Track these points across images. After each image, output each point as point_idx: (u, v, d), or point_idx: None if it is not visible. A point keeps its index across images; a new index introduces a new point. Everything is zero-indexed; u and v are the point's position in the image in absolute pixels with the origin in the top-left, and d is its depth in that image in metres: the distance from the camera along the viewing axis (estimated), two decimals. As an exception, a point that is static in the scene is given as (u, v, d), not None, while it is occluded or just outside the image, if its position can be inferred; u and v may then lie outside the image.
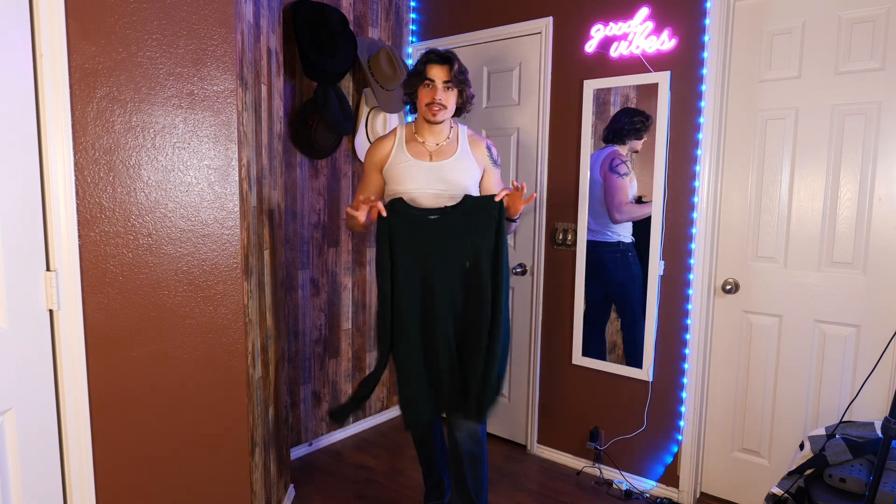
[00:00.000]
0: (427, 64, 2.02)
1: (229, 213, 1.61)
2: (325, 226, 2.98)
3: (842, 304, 2.19)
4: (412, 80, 2.07)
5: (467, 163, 2.10)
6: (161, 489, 1.54)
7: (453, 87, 2.03)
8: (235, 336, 1.66)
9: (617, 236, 2.65)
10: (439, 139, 2.10)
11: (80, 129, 1.33)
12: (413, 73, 2.07)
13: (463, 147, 2.11)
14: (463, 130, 2.16)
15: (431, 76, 2.01)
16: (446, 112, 2.04)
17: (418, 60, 2.08)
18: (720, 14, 2.30)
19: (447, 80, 2.00)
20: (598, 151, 2.66)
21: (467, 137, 2.14)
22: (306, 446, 2.97)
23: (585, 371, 2.78)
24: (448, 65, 2.00)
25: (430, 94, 2.02)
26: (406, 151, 2.09)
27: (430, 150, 2.09)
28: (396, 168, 2.08)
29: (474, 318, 1.96)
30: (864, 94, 2.09)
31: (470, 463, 2.09)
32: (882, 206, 2.09)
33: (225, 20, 1.56)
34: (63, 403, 1.36)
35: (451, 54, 2.03)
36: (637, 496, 2.58)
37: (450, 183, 2.05)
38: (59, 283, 1.32)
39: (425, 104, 2.03)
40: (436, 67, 2.01)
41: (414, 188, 2.05)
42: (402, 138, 2.12)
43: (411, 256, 1.97)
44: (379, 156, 2.13)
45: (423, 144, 2.10)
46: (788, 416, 2.33)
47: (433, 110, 2.02)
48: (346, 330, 3.15)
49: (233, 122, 1.60)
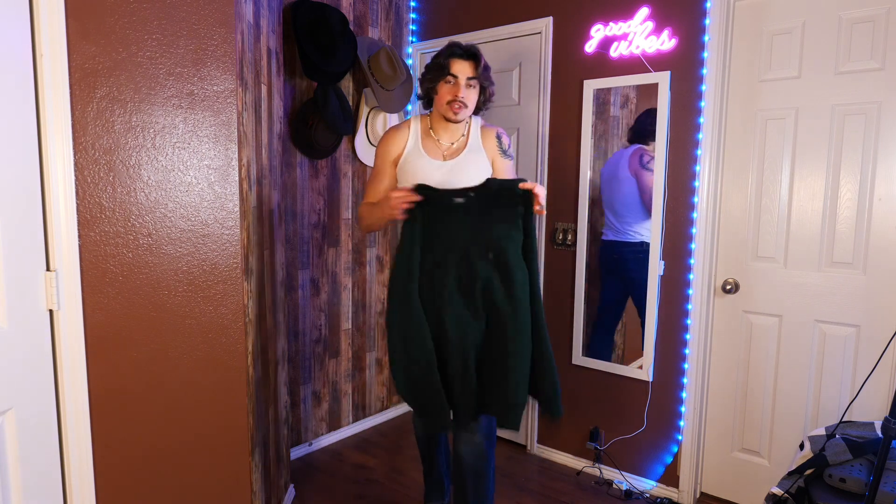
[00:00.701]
0: (451, 58, 1.87)
1: (229, 213, 1.61)
2: (325, 226, 2.98)
3: (842, 304, 2.19)
4: (433, 73, 1.92)
5: (478, 156, 1.99)
6: (161, 489, 1.54)
7: (477, 85, 1.90)
8: (235, 336, 1.66)
9: (640, 236, 2.61)
10: (454, 138, 1.99)
11: (80, 129, 1.33)
12: (434, 66, 1.92)
13: (473, 140, 2.00)
14: (476, 122, 2.04)
15: (455, 72, 1.87)
16: (467, 111, 1.92)
17: (440, 53, 1.92)
18: (720, 14, 2.30)
19: (472, 77, 1.87)
20: (621, 150, 2.62)
21: (479, 129, 2.03)
22: (306, 446, 2.97)
23: (585, 371, 2.78)
24: (474, 61, 1.87)
25: (452, 90, 1.88)
26: (421, 148, 1.97)
27: (444, 150, 1.99)
28: (411, 165, 1.97)
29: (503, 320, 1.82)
30: (864, 94, 2.09)
31: (473, 479, 1.97)
32: (882, 206, 2.09)
33: (225, 20, 1.56)
34: (63, 403, 1.36)
35: (475, 49, 1.89)
36: (637, 496, 2.58)
37: (462, 181, 1.93)
38: (59, 283, 1.32)
39: (446, 101, 1.89)
40: (460, 63, 1.87)
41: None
42: (417, 132, 2.00)
43: (440, 245, 1.83)
44: (395, 149, 2.00)
45: (437, 142, 1.99)
46: (788, 416, 2.33)
47: (454, 108, 1.88)
48: (346, 330, 3.15)
49: (233, 122, 1.60)
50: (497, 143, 2.00)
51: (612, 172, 2.66)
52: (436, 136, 1.99)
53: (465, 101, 1.88)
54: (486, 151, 2.00)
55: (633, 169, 2.61)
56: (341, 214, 3.05)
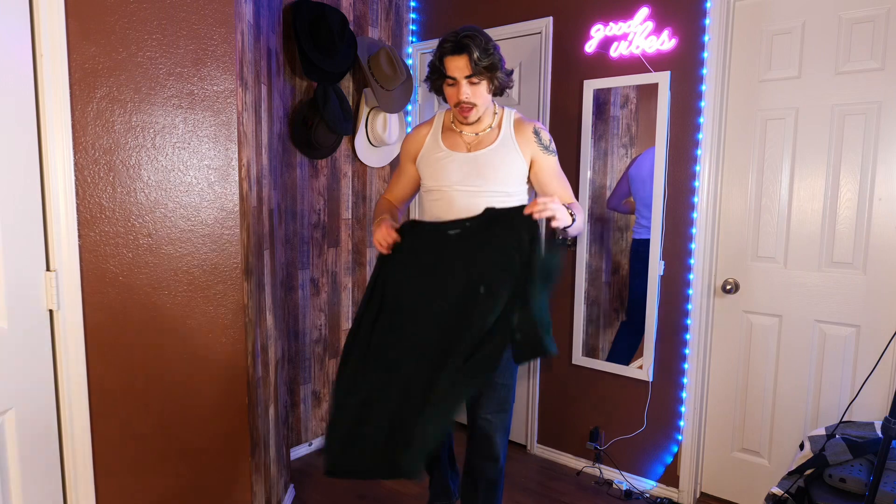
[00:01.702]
0: (443, 57, 1.72)
1: (229, 213, 1.61)
2: (325, 226, 2.98)
3: (842, 304, 2.19)
4: (433, 78, 1.80)
5: (509, 151, 1.79)
6: (161, 489, 1.54)
7: (480, 80, 1.72)
8: (235, 336, 1.66)
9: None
10: (478, 128, 1.83)
11: (80, 129, 1.33)
12: (432, 69, 1.79)
13: (506, 133, 1.81)
14: (509, 114, 1.85)
15: (451, 73, 1.72)
16: (479, 109, 1.76)
17: (434, 52, 1.78)
18: (720, 14, 2.30)
19: (469, 75, 1.70)
20: (651, 149, 2.51)
21: (513, 122, 1.83)
22: (306, 446, 2.97)
23: (585, 371, 2.78)
24: (466, 54, 1.68)
25: (454, 93, 1.75)
26: (440, 142, 1.84)
27: (468, 141, 1.82)
28: (429, 160, 1.84)
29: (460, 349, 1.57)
30: (864, 94, 2.09)
31: (485, 491, 1.95)
32: (882, 206, 2.09)
33: (225, 20, 1.56)
34: (63, 403, 1.36)
35: (467, 40, 1.68)
36: (637, 496, 2.58)
37: (487, 177, 1.76)
38: (59, 283, 1.32)
39: (454, 105, 1.77)
40: (454, 60, 1.70)
41: (446, 184, 1.79)
42: (438, 126, 1.87)
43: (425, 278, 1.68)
44: (413, 145, 1.89)
45: (460, 135, 1.84)
46: (788, 416, 2.33)
47: (463, 112, 1.76)
48: (345, 330, 3.14)
49: (233, 122, 1.60)
50: (536, 139, 1.80)
51: (645, 172, 2.55)
52: (458, 128, 1.85)
53: (472, 101, 1.74)
54: (520, 147, 1.80)
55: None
56: (341, 214, 3.05)
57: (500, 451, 1.93)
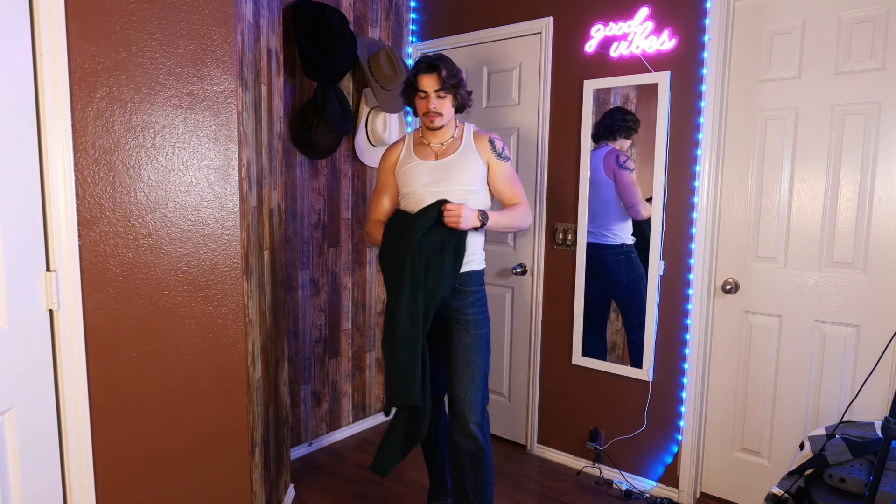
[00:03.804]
0: (417, 74, 2.06)
1: (229, 213, 1.61)
2: (325, 226, 2.98)
3: (842, 304, 2.19)
4: (408, 91, 2.12)
5: (470, 156, 2.11)
6: (161, 489, 1.54)
7: (446, 94, 2.07)
8: (235, 336, 1.66)
9: (619, 238, 2.64)
10: (443, 139, 2.15)
11: (80, 129, 1.33)
12: (407, 84, 2.12)
13: (467, 143, 2.14)
14: (469, 128, 2.18)
15: (423, 87, 2.05)
16: (443, 118, 2.08)
17: (411, 70, 2.11)
18: (720, 14, 2.30)
19: (438, 89, 2.03)
20: (594, 152, 2.66)
21: (472, 133, 2.16)
22: (306, 446, 2.97)
23: (585, 371, 2.78)
24: (436, 73, 2.03)
25: (424, 104, 2.07)
26: (413, 154, 2.15)
27: (436, 150, 2.14)
28: (404, 169, 2.14)
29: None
30: (864, 94, 2.09)
31: (471, 466, 2.07)
32: (882, 206, 2.09)
33: (225, 20, 1.56)
34: (63, 403, 1.36)
35: (438, 62, 2.04)
36: (637, 496, 2.58)
37: (452, 179, 2.07)
38: (59, 283, 1.32)
39: (422, 114, 2.09)
40: (426, 77, 2.04)
41: (419, 187, 2.09)
42: (410, 142, 2.20)
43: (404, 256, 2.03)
44: (391, 160, 2.21)
45: (428, 146, 2.16)
46: (788, 416, 2.33)
47: (429, 119, 2.08)
48: (346, 330, 3.15)
49: (233, 122, 1.60)
50: (490, 147, 2.12)
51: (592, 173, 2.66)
52: (426, 141, 2.16)
53: (439, 111, 2.06)
54: (479, 155, 2.12)
55: (611, 170, 2.62)
56: (341, 214, 3.05)
57: (477, 429, 2.06)
